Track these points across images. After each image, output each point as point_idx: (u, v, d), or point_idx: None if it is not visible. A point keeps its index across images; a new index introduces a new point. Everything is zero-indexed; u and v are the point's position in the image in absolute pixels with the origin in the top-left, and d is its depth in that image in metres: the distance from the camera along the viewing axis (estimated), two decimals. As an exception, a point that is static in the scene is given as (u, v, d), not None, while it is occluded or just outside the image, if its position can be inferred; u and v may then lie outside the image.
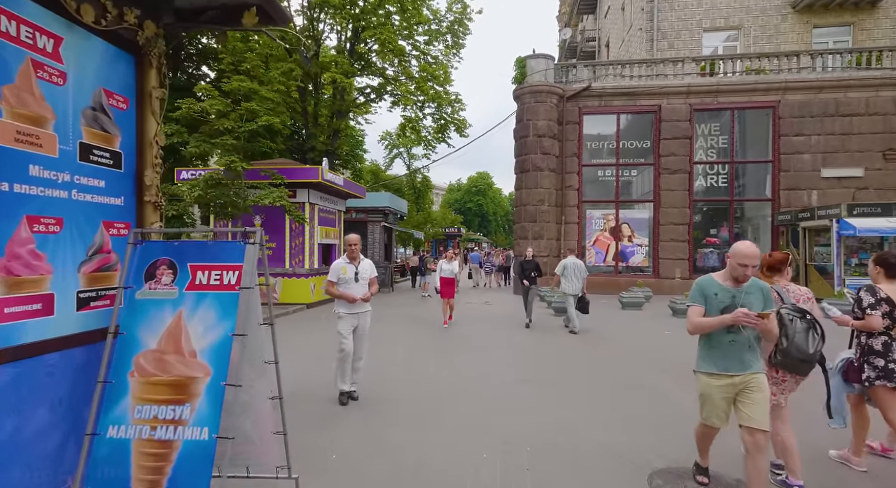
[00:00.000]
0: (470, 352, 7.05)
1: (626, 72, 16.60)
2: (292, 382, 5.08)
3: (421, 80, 15.63)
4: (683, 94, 16.06)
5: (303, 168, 12.28)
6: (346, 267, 4.67)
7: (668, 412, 4.46)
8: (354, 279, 4.63)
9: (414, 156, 42.28)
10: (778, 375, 2.91)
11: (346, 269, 4.65)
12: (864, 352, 3.11)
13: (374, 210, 18.90)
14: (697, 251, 16.24)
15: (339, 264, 4.71)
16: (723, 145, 16.14)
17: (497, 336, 8.27)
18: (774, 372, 2.92)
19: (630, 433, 3.95)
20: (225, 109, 10.27)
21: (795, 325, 2.72)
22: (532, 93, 16.22)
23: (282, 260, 12.63)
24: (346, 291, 4.61)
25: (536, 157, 16.17)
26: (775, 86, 15.57)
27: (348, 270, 4.65)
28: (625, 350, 7.34)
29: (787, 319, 2.75)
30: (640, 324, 10.00)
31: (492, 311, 12.13)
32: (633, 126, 16.68)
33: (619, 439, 3.82)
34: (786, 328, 2.72)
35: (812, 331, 2.72)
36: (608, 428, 4.09)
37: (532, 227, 16.23)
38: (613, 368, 6.22)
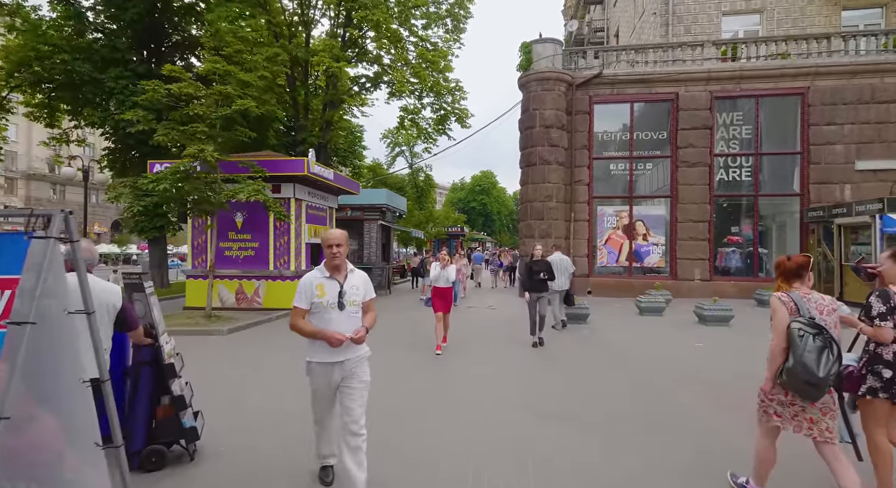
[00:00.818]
0: (472, 386, 5.83)
1: (640, 57, 15.38)
2: (251, 434, 3.96)
3: (418, 66, 14.48)
4: (703, 81, 14.82)
5: (287, 160, 11.18)
6: (323, 283, 2.78)
7: (735, 457, 3.29)
8: (338, 304, 2.76)
9: (416, 155, 41.30)
10: (787, 397, 2.56)
11: (322, 288, 2.77)
12: (871, 359, 2.72)
13: (370, 207, 17.80)
14: (718, 250, 15.01)
15: (312, 279, 2.82)
16: (746, 136, 14.88)
17: (503, 358, 6.64)
18: (783, 395, 2.57)
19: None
20: (196, 93, 9.18)
21: (806, 343, 2.38)
22: (539, 80, 15.04)
23: (265, 261, 11.53)
24: (323, 327, 2.73)
25: (543, 150, 14.99)
26: (804, 71, 14.31)
27: (327, 289, 2.77)
28: (656, 369, 6.15)
29: (797, 335, 2.41)
30: (664, 333, 8.80)
31: (496, 319, 10.96)
32: (648, 115, 15.45)
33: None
34: (794, 345, 2.39)
35: (827, 351, 2.36)
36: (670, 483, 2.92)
37: (539, 225, 15.04)
38: (650, 396, 5.04)
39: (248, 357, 6.90)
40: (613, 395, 5.01)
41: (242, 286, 11.52)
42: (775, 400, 2.56)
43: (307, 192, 12.12)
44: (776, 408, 2.57)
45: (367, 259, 17.85)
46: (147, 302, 3.52)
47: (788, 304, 2.53)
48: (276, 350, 7.50)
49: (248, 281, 11.49)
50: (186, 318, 9.74)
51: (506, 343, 7.79)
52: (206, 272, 11.23)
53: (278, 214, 9.96)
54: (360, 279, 2.91)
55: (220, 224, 11.46)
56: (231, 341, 8.12)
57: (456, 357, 6.67)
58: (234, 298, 11.50)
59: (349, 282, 2.84)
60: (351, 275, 2.87)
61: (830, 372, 2.32)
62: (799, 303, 2.52)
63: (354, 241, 18.19)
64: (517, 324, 9.72)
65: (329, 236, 2.79)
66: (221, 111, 8.88)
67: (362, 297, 2.88)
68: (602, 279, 15.21)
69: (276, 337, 8.46)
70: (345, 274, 2.86)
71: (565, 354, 6.94)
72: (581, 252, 15.29)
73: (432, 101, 16.22)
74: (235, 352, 7.29)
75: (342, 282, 2.82)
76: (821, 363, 2.32)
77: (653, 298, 11.11)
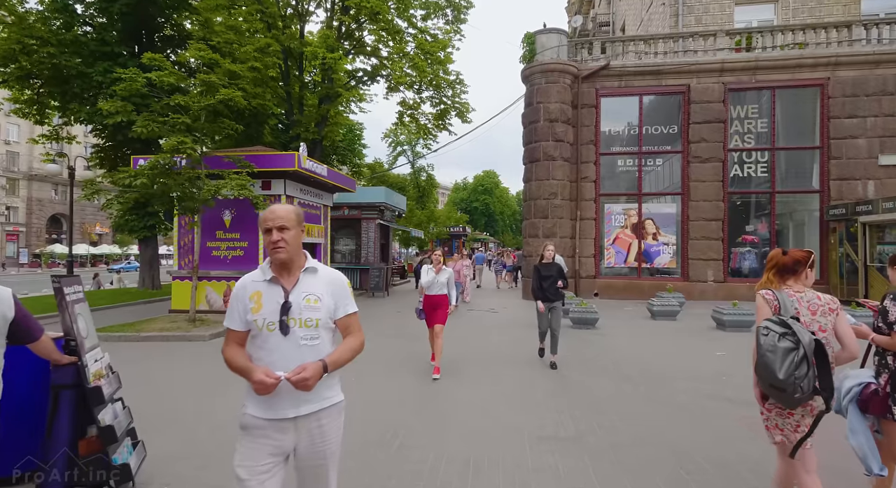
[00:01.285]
0: (465, 410, 5.17)
1: (649, 48, 14.69)
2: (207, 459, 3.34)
3: (416, 57, 13.84)
4: (716, 72, 14.11)
5: (277, 155, 10.58)
6: (261, 291, 1.80)
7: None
8: (279, 325, 1.75)
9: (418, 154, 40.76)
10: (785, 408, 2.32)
11: (260, 298, 1.78)
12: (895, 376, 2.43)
13: (368, 206, 17.22)
14: (732, 250, 14.29)
15: (247, 284, 1.84)
16: (762, 129, 14.15)
17: (510, 382, 5.49)
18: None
19: None
20: (178, 83, 8.59)
21: (769, 342, 2.15)
22: (543, 72, 14.37)
23: (254, 261, 10.91)
24: (261, 362, 1.76)
25: (548, 145, 14.32)
26: (823, 60, 13.57)
27: (266, 300, 1.78)
28: (676, 383, 5.48)
29: (761, 333, 2.21)
30: (680, 340, 8.12)
31: (499, 323, 10.31)
32: (658, 109, 14.76)
33: None
34: (757, 343, 2.20)
35: (795, 353, 2.10)
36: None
37: (543, 224, 14.38)
38: (672, 417, 4.38)
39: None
40: (629, 416, 4.35)
41: (231, 288, 10.89)
42: (774, 411, 2.32)
43: (299, 189, 11.52)
44: (775, 420, 2.32)
45: (364, 259, 17.28)
46: (68, 311, 2.90)
47: (772, 303, 2.31)
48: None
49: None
50: (169, 322, 9.16)
51: (514, 357, 7.14)
52: (190, 273, 10.67)
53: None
54: (323, 283, 1.81)
55: (207, 222, 10.90)
56: (212, 347, 7.53)
57: (451, 374, 6.01)
58: (222, 301, 10.92)
59: (302, 287, 1.77)
60: (306, 278, 1.80)
61: (796, 376, 2.07)
62: (783, 302, 2.28)
63: (352, 241, 17.62)
64: (526, 332, 9.07)
65: (267, 216, 1.77)
66: (204, 101, 8.28)
67: (327, 313, 1.79)
68: (610, 280, 14.52)
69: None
70: (296, 276, 1.80)
71: (573, 366, 6.28)
72: (587, 252, 14.61)
73: (432, 94, 15.59)
74: (214, 359, 6.68)
75: (289, 288, 1.77)
76: (784, 363, 2.09)
77: (666, 301, 10.43)
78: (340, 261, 17.57)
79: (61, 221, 51.75)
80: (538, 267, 6.30)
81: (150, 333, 8.11)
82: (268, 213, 1.80)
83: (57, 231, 51.75)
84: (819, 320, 2.27)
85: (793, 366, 2.08)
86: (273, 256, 1.79)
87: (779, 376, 2.09)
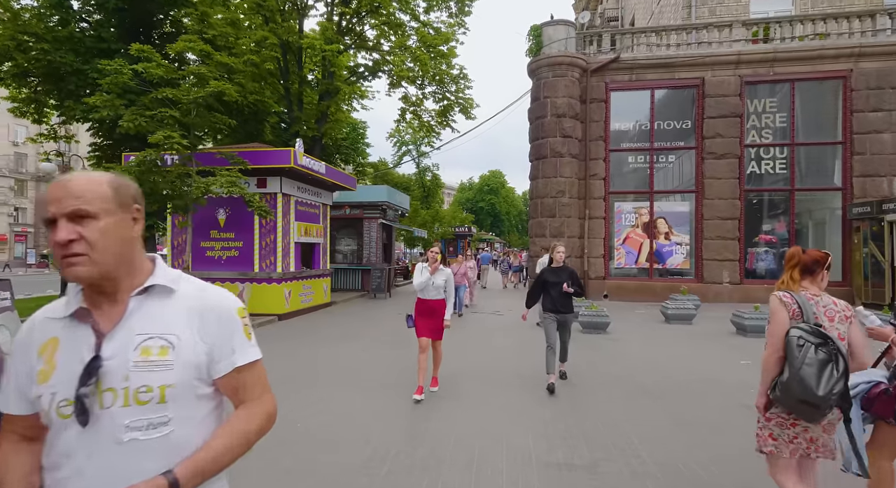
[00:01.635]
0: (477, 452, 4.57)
1: (661, 40, 14.11)
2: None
3: (417, 50, 13.35)
4: (732, 64, 13.50)
5: (272, 151, 10.16)
6: (60, 336, 0.98)
7: None
8: (77, 405, 0.91)
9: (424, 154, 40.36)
10: (789, 416, 2.11)
11: (52, 356, 0.96)
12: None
13: (370, 205, 16.78)
14: (748, 251, 13.66)
15: (40, 324, 1.01)
16: (781, 124, 13.52)
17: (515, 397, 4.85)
18: (786, 413, 2.11)
19: None
20: (167, 76, 8.19)
21: (806, 354, 1.95)
22: (550, 65, 13.85)
23: (250, 262, 10.52)
24: (52, 483, 0.96)
25: (555, 141, 13.79)
26: (846, 51, 12.92)
27: (64, 353, 0.96)
28: (699, 397, 4.95)
29: (796, 344, 1.98)
30: (699, 347, 7.56)
31: (503, 326, 9.80)
32: (671, 103, 14.17)
33: None
34: (791, 356, 1.97)
35: (832, 365, 1.93)
36: None
37: (551, 223, 13.84)
38: (701, 439, 3.86)
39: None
40: (652, 438, 3.84)
41: (225, 289, 10.50)
42: (774, 421, 2.17)
43: (296, 187, 11.10)
44: (772, 429, 2.17)
45: (366, 260, 16.85)
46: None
47: (790, 306, 2.13)
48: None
49: (232, 283, 10.48)
50: (157, 326, 8.75)
51: (513, 360, 6.64)
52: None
53: (259, 210, 8.94)
54: (184, 314, 1.03)
55: (201, 221, 10.51)
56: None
57: (449, 388, 5.50)
58: (216, 303, 10.51)
59: (135, 325, 0.98)
60: (146, 306, 1.01)
61: (832, 392, 1.95)
62: (804, 306, 2.11)
63: (353, 241, 17.21)
64: (525, 331, 8.57)
65: (49, 193, 0.94)
66: (194, 94, 7.87)
67: (191, 370, 1.00)
68: (620, 282, 13.95)
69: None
70: (123, 304, 1.00)
71: (585, 376, 5.76)
72: (597, 252, 14.05)
73: (434, 90, 15.10)
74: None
75: (106, 329, 0.97)
76: (822, 379, 1.94)
77: (681, 304, 9.86)
78: (342, 262, 17.16)
79: (69, 222, 51.96)
80: (546, 271, 5.34)
81: (135, 338, 7.70)
82: (50, 190, 0.94)
83: (64, 231, 51.88)
84: (837, 327, 2.12)
85: (832, 382, 1.93)
86: (65, 272, 0.93)
87: (818, 393, 1.92)
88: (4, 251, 46.65)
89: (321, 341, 7.95)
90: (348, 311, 11.98)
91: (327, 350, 7.26)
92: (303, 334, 8.64)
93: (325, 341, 7.96)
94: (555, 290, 5.14)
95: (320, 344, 7.73)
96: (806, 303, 2.10)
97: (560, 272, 5.24)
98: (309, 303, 11.80)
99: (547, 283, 5.22)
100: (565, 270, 5.26)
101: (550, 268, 5.35)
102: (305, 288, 11.69)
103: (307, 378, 5.65)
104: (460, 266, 11.07)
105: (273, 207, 10.40)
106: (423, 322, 4.87)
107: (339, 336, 8.45)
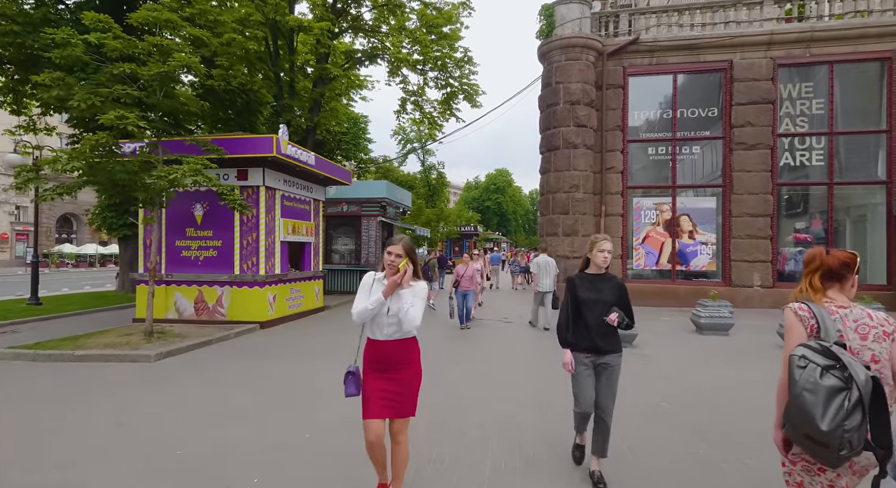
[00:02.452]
0: None
1: (684, 20, 12.90)
2: None
3: (417, 30, 12.23)
4: (763, 46, 12.27)
5: (251, 138, 9.08)
6: None
7: None
8: None
9: (429, 152, 39.33)
10: (815, 460, 1.71)
11: None
12: None
13: (368, 201, 15.72)
14: (780, 251, 12.43)
15: None
16: (818, 111, 12.26)
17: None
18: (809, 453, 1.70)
19: None
20: (129, 50, 7.14)
21: (809, 377, 1.60)
22: (563, 48, 12.68)
23: (229, 263, 9.46)
24: None
25: (569, 131, 12.62)
26: (891, 30, 11.66)
27: None
28: (765, 440, 3.77)
29: (796, 365, 1.64)
30: (748, 366, 6.38)
31: (511, 339, 8.68)
32: (695, 89, 12.95)
33: None
34: (791, 377, 1.64)
35: (846, 393, 1.54)
36: None
37: (564, 221, 12.68)
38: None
39: (153, 400, 4.77)
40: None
41: (203, 293, 9.48)
42: (799, 464, 1.76)
43: (282, 180, 10.03)
44: (801, 476, 1.76)
45: (365, 260, 15.79)
46: None
47: (808, 321, 1.75)
48: (206, 384, 5.39)
49: (210, 287, 9.45)
50: (120, 336, 7.72)
51: (529, 417, 5.48)
52: (158, 276, 9.26)
53: (234, 204, 7.86)
54: None
55: (175, 218, 9.49)
56: (154, 372, 6.04)
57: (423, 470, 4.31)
58: (192, 308, 9.48)
59: None
60: None
61: (844, 427, 1.52)
62: (823, 321, 1.71)
63: (351, 240, 16.15)
64: (537, 350, 7.44)
65: None
66: (155, 68, 6.81)
67: None
68: (639, 285, 12.74)
69: (222, 363, 6.36)
70: None
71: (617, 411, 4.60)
72: (614, 253, 12.84)
73: (437, 75, 13.97)
74: (144, 391, 5.17)
75: None
76: (828, 410, 1.53)
77: (714, 311, 8.67)
78: (339, 262, 16.13)
79: (72, 221, 51.66)
80: (578, 280, 3.15)
81: (87, 351, 6.66)
82: None
83: (67, 231, 51.68)
84: (871, 347, 1.70)
85: (842, 414, 1.54)
86: None
87: (821, 427, 1.55)
88: (6, 250, 46.24)
89: (302, 357, 6.85)
90: (341, 317, 10.90)
91: (306, 368, 6.17)
92: (283, 347, 7.56)
93: (307, 357, 6.87)
94: (591, 313, 3.03)
95: (300, 360, 6.64)
96: (827, 317, 1.75)
97: (602, 284, 3.09)
98: (297, 308, 10.74)
99: (580, 302, 3.08)
100: (610, 282, 3.11)
101: (586, 277, 3.15)
102: (294, 291, 10.63)
103: (265, 409, 4.55)
104: (467, 267, 9.37)
105: (255, 202, 9.35)
106: (377, 384, 2.63)
107: (325, 349, 7.35)
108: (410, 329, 2.58)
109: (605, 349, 3.05)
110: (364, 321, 2.64)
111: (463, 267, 9.42)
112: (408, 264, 2.58)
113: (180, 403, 4.75)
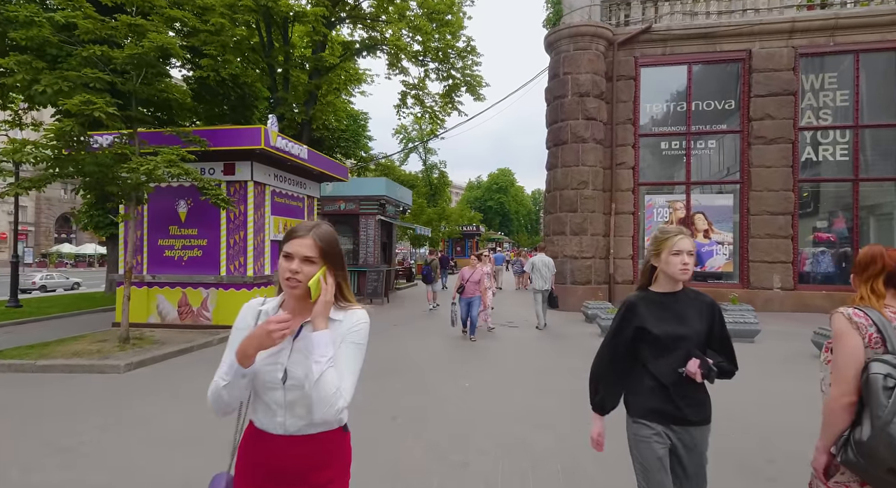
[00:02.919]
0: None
1: (699, 7, 12.22)
2: None
3: (417, 17, 11.60)
4: (784, 34, 11.58)
5: (237, 129, 8.52)
6: None
7: None
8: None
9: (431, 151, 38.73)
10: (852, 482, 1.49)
11: None
12: None
13: (367, 199, 15.11)
14: (802, 251, 11.73)
15: None
16: (842, 103, 11.56)
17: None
18: (858, 483, 1.49)
19: None
20: (102, 32, 6.54)
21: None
22: (571, 37, 12.02)
23: (215, 264, 8.85)
24: None
25: (577, 124, 11.97)
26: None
27: None
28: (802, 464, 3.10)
29: (882, 386, 1.38)
30: (786, 378, 5.71)
31: (522, 349, 8.03)
32: (711, 80, 12.27)
33: None
34: (877, 401, 1.37)
35: None
36: None
37: (571, 219, 12.02)
38: None
39: (109, 420, 4.15)
40: None
41: (187, 296, 8.87)
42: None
43: (272, 175, 9.42)
44: None
45: (363, 260, 15.17)
46: None
47: (866, 330, 1.51)
48: (176, 401, 4.76)
49: (195, 289, 8.85)
50: (90, 344, 7.10)
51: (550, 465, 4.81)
52: (139, 277, 8.67)
53: (215, 198, 7.25)
54: None
55: (158, 215, 8.90)
56: (120, 385, 5.41)
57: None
58: (176, 312, 8.88)
59: None
60: None
61: None
62: (886, 330, 1.48)
63: (349, 240, 15.52)
64: (552, 360, 6.78)
65: None
66: (129, 50, 6.21)
67: None
68: (651, 287, 12.07)
69: (199, 374, 5.74)
70: None
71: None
72: (624, 253, 12.21)
73: (438, 66, 13.33)
74: (101, 410, 4.54)
75: None
76: None
77: (738, 316, 8.01)
78: (336, 263, 15.50)
79: (71, 221, 51.45)
80: (639, 301, 1.89)
81: (50, 361, 6.05)
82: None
83: (66, 230, 51.40)
84: None
85: None
86: None
87: None
88: (4, 250, 45.94)
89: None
90: (336, 321, 10.25)
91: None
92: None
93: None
94: (669, 359, 1.82)
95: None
96: (888, 326, 1.49)
97: (683, 307, 1.86)
98: (289, 311, 10.11)
99: (650, 340, 1.84)
100: (695, 304, 1.88)
101: (656, 298, 1.89)
102: (285, 293, 10.01)
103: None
104: (474, 271, 8.34)
105: (242, 198, 8.74)
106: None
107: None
108: (331, 413, 1.21)
109: (691, 418, 1.82)
110: (226, 408, 1.28)
111: (469, 270, 8.38)
112: (325, 278, 1.26)
113: (143, 424, 4.13)
